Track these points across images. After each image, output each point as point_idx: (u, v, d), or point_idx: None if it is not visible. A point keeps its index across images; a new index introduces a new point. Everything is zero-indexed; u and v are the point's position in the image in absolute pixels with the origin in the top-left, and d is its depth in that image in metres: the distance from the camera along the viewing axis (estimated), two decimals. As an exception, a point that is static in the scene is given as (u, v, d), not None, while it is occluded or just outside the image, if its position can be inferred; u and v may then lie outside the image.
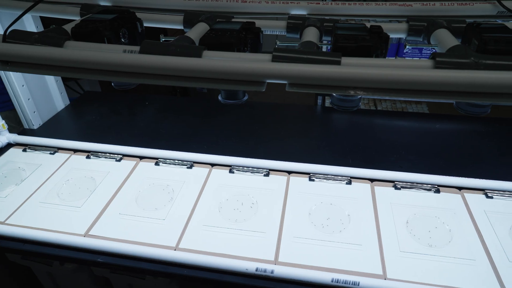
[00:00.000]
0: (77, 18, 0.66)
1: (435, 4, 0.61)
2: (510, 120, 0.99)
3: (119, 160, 0.84)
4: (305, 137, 0.95)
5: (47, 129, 0.99)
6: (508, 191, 0.72)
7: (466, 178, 0.74)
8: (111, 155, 0.85)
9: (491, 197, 0.71)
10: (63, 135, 0.94)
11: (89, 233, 0.66)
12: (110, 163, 0.83)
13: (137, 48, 0.50)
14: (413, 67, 0.43)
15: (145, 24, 0.65)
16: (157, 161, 0.83)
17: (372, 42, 0.48)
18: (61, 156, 0.86)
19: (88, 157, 0.85)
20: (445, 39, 0.51)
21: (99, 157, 0.85)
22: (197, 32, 0.57)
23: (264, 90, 0.45)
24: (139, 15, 0.64)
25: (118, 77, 0.49)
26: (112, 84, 0.62)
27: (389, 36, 0.52)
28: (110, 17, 0.58)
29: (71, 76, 0.50)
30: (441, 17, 0.58)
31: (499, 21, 0.59)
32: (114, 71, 0.48)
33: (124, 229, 0.67)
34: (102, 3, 0.69)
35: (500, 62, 0.42)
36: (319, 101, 1.32)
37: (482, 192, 0.72)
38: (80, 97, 1.16)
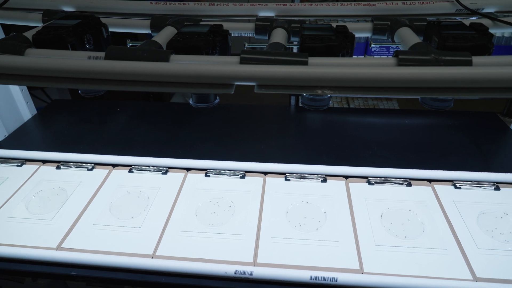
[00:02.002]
0: (40, 25, 0.64)
1: (397, 3, 0.63)
2: (475, 113, 1.03)
3: (91, 169, 0.82)
4: (280, 137, 0.95)
5: (13, 141, 0.95)
6: (475, 181, 0.75)
7: (436, 171, 0.77)
8: (82, 164, 0.83)
9: (459, 188, 0.74)
10: (30, 146, 0.91)
11: (61, 246, 0.64)
12: (82, 172, 0.81)
13: (102, 54, 0.49)
14: (377, 65, 0.44)
15: (112, 29, 0.64)
16: (130, 168, 0.82)
17: (337, 41, 0.49)
18: (29, 168, 0.83)
19: (58, 167, 0.83)
20: (408, 37, 0.53)
21: (70, 167, 0.83)
22: (164, 36, 0.56)
23: (232, 92, 0.45)
24: (104, 20, 0.63)
25: (84, 84, 0.48)
26: (79, 91, 0.61)
27: (354, 35, 0.54)
28: (74, 23, 0.56)
29: (33, 85, 0.48)
30: (404, 15, 0.60)
31: (458, 19, 0.61)
32: (79, 78, 0.47)
33: (99, 240, 0.65)
34: (66, 9, 0.67)
35: (458, 58, 0.44)
36: (292, 101, 1.34)
37: (451, 183, 0.75)
38: (47, 106, 1.12)
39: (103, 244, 0.64)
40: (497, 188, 0.73)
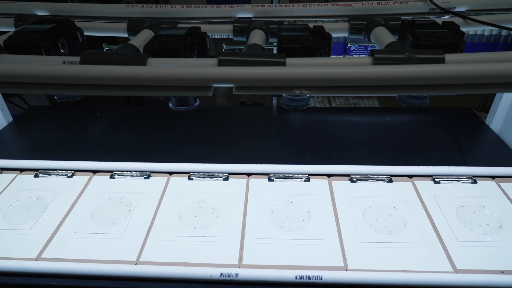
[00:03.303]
0: (12, 30, 0.62)
1: (373, 3, 0.64)
2: (452, 109, 1.06)
3: (71, 176, 0.80)
4: (262, 138, 0.95)
5: (-12, 150, 0.92)
6: (454, 176, 0.77)
7: (415, 167, 0.78)
8: (62, 171, 0.81)
9: (438, 182, 0.76)
10: (7, 154, 0.88)
11: (41, 257, 0.62)
12: (61, 180, 0.79)
13: (77, 58, 0.48)
14: (353, 65, 0.45)
15: (88, 33, 0.63)
16: (112, 173, 0.80)
17: (314, 42, 0.50)
18: (5, 177, 0.81)
19: (36, 175, 0.81)
20: (383, 36, 0.54)
21: (49, 174, 0.81)
22: (141, 39, 0.55)
23: (211, 94, 0.45)
24: (79, 24, 0.62)
25: (59, 90, 0.47)
26: (55, 97, 0.59)
27: (331, 35, 0.54)
28: (47, 27, 0.55)
29: (5, 91, 0.47)
30: (379, 15, 0.62)
31: (431, 18, 0.63)
32: (54, 83, 0.46)
33: (80, 248, 0.64)
34: (39, 13, 0.66)
35: (431, 56, 0.45)
36: (274, 101, 1.34)
37: (430, 178, 0.77)
38: (24, 112, 1.10)
39: (85, 252, 0.63)
40: (474, 182, 0.75)
